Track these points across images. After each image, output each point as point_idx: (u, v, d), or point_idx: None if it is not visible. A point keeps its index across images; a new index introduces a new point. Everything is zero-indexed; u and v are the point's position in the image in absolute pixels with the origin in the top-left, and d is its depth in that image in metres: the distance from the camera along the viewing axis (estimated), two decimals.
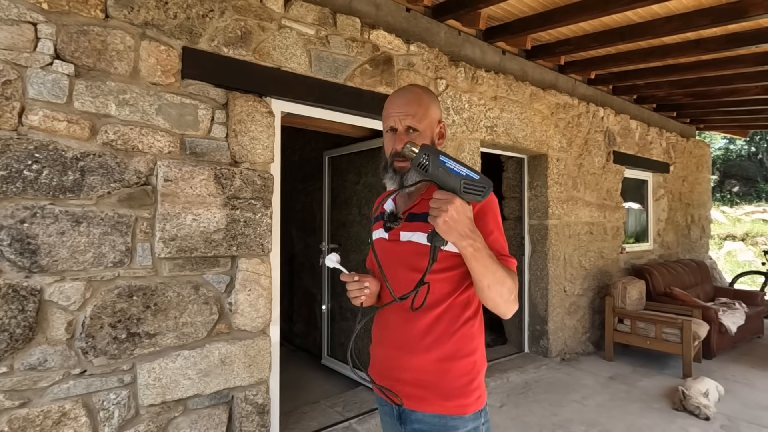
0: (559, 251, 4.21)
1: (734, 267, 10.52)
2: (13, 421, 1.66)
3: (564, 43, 3.78)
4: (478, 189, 0.92)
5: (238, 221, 2.20)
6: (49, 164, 1.74)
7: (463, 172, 0.92)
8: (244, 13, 2.27)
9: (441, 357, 1.09)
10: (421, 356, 1.09)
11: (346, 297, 1.23)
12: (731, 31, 3.44)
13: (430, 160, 0.92)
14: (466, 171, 0.92)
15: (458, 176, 0.91)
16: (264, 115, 2.32)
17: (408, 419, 1.13)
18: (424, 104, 1.16)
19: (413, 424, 1.12)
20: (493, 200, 1.12)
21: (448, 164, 0.92)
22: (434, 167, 0.92)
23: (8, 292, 1.66)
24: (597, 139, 4.67)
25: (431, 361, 1.09)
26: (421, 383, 1.10)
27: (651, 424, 2.94)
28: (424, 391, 1.10)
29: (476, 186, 0.92)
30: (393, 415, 1.17)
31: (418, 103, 1.16)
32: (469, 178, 0.92)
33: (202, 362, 2.10)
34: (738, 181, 17.46)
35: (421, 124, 1.15)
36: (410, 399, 1.12)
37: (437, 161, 0.92)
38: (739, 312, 4.67)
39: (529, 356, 4.17)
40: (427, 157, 0.92)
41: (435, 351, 1.09)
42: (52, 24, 1.76)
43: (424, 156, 0.93)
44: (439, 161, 0.92)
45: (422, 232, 1.10)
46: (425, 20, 3.29)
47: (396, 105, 1.17)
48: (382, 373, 1.17)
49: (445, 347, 1.09)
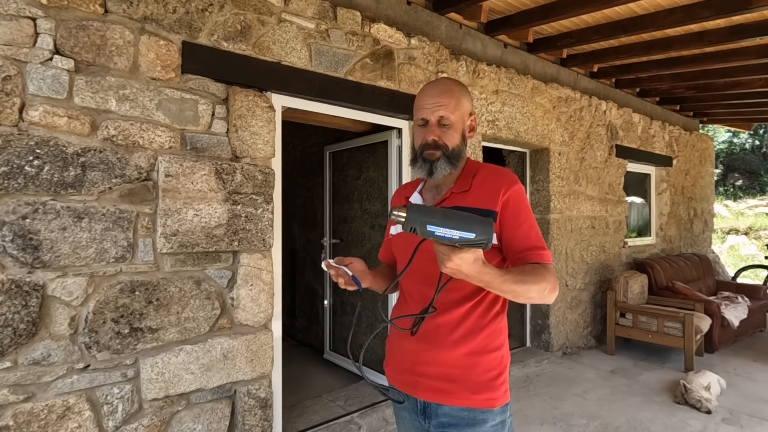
0: (561, 245, 4.20)
1: (737, 261, 10.50)
2: (17, 415, 1.67)
3: (566, 36, 3.76)
4: (478, 243, 0.87)
5: (239, 216, 2.20)
6: (50, 160, 1.74)
7: (456, 237, 0.86)
8: (244, 7, 2.26)
9: (470, 351, 1.10)
10: (449, 351, 1.10)
11: (348, 292, 1.24)
12: (735, 22, 3.40)
13: (419, 229, 0.88)
14: (460, 234, 0.86)
15: (450, 241, 0.87)
16: (264, 109, 2.32)
17: (434, 413, 1.12)
18: (456, 96, 1.16)
19: (440, 418, 1.11)
20: (518, 191, 1.13)
21: (437, 233, 0.86)
22: (423, 233, 0.88)
23: (11, 287, 1.67)
24: (599, 132, 4.64)
25: (460, 355, 1.10)
26: (448, 377, 1.10)
27: (652, 417, 2.95)
28: (452, 385, 1.10)
29: (474, 242, 0.87)
30: (415, 411, 1.16)
31: (450, 94, 1.16)
32: (464, 240, 0.86)
33: (205, 357, 2.11)
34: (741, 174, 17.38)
35: (453, 115, 1.15)
36: (437, 393, 1.12)
37: (425, 231, 0.87)
38: (741, 306, 4.66)
39: (531, 350, 4.18)
40: (413, 227, 0.88)
41: (464, 345, 1.10)
42: (51, 19, 1.75)
43: (410, 225, 0.88)
44: (426, 231, 0.87)
45: None
46: (426, 13, 3.27)
47: (429, 96, 1.17)
48: (405, 367, 1.17)
49: (474, 342, 1.10)
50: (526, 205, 1.13)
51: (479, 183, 1.16)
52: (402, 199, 1.31)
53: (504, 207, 1.10)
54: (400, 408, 1.23)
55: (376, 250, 3.32)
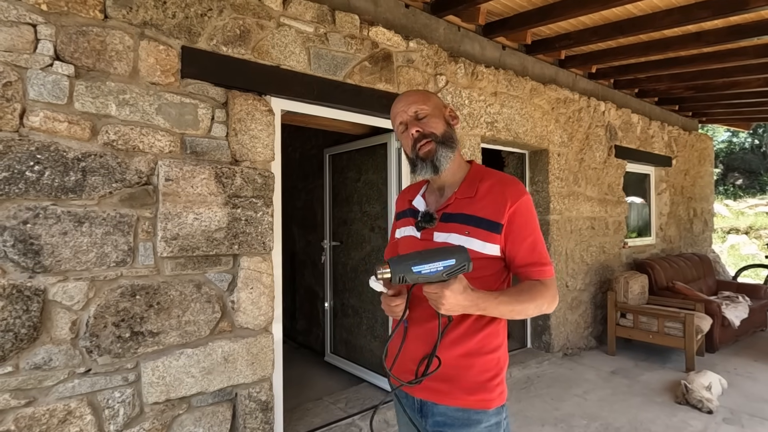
0: (561, 246, 4.20)
1: (737, 260, 10.49)
2: (19, 420, 1.68)
3: (564, 37, 3.77)
4: (460, 267, 0.95)
5: (239, 220, 2.20)
6: (50, 165, 1.75)
7: (440, 268, 0.94)
8: (243, 12, 2.27)
9: (466, 353, 1.10)
10: (445, 351, 1.09)
11: (348, 294, 1.24)
12: (732, 23, 3.41)
13: (407, 276, 0.94)
14: (443, 263, 0.94)
15: (437, 274, 0.94)
16: (264, 113, 2.33)
17: (430, 412, 1.13)
18: (423, 93, 1.23)
19: (435, 417, 1.12)
20: (526, 203, 1.12)
21: (423, 270, 0.94)
22: (412, 277, 0.94)
23: (12, 292, 1.67)
24: (598, 133, 4.65)
25: (456, 356, 1.10)
26: (444, 377, 1.10)
27: (653, 418, 2.95)
28: (447, 385, 1.10)
29: (457, 269, 0.95)
30: (413, 409, 1.17)
31: (417, 94, 1.22)
32: (447, 268, 0.94)
33: (206, 360, 2.11)
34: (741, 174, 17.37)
35: (427, 106, 1.18)
36: (432, 392, 1.12)
37: (411, 273, 0.93)
38: (742, 305, 4.66)
39: (532, 351, 4.18)
40: (401, 276, 0.94)
41: (460, 347, 1.10)
42: (51, 25, 1.76)
43: (398, 275, 0.94)
44: (412, 272, 0.93)
45: (458, 233, 1.11)
46: (424, 16, 3.28)
47: (399, 103, 1.21)
48: (405, 366, 1.17)
49: (470, 343, 1.10)
50: (532, 218, 1.13)
51: (486, 191, 1.15)
52: (405, 202, 1.30)
53: (510, 220, 1.10)
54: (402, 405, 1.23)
55: (376, 252, 3.33)
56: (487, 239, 1.10)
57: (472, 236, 1.10)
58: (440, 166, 1.15)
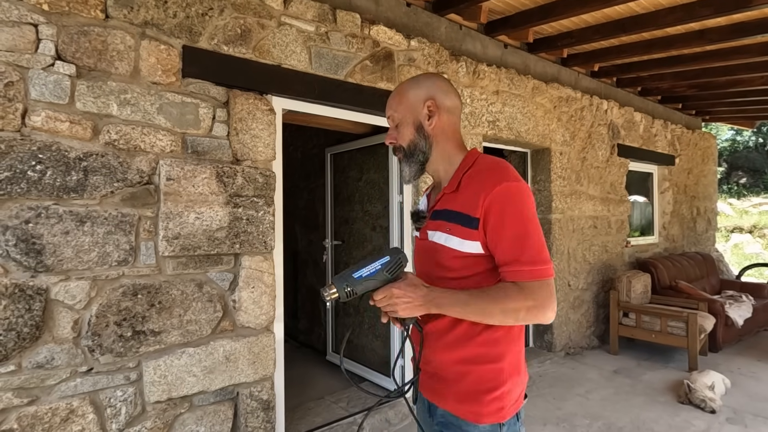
0: (563, 245, 4.19)
1: (741, 259, 10.44)
2: (21, 418, 1.69)
3: (566, 35, 3.75)
4: (397, 264, 0.99)
5: (240, 219, 2.21)
6: (52, 165, 1.75)
7: (378, 266, 0.97)
8: (244, 11, 2.27)
9: (463, 358, 1.05)
10: (442, 354, 1.07)
11: None
12: (735, 20, 3.39)
13: (351, 286, 0.96)
14: (379, 262, 0.98)
15: (378, 273, 0.97)
16: (265, 112, 2.33)
17: (435, 413, 1.12)
18: (400, 91, 1.15)
19: (438, 418, 1.10)
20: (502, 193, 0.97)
21: (363, 273, 0.97)
22: (358, 286, 0.97)
23: (15, 291, 1.68)
24: (601, 132, 4.64)
25: (453, 360, 1.06)
26: (440, 378, 1.09)
27: (656, 417, 2.94)
28: (442, 387, 1.08)
29: (394, 264, 0.99)
30: (425, 408, 1.17)
31: (395, 93, 1.17)
32: (384, 265, 0.98)
33: (207, 359, 2.12)
34: (745, 172, 17.29)
35: (397, 112, 1.15)
36: (432, 392, 1.11)
37: (353, 280, 0.97)
38: (745, 304, 4.64)
39: (534, 351, 4.17)
40: (346, 287, 0.96)
41: (457, 351, 1.05)
42: (52, 25, 1.77)
43: (344, 289, 0.96)
44: (354, 279, 0.97)
45: (441, 231, 1.07)
46: (426, 15, 3.28)
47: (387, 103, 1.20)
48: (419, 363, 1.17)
49: (467, 348, 1.04)
50: (514, 208, 0.97)
51: (467, 182, 1.06)
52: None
53: (486, 215, 0.98)
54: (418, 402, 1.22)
55: (377, 251, 3.32)
56: (465, 236, 1.01)
57: (453, 233, 1.03)
58: (407, 176, 1.16)
